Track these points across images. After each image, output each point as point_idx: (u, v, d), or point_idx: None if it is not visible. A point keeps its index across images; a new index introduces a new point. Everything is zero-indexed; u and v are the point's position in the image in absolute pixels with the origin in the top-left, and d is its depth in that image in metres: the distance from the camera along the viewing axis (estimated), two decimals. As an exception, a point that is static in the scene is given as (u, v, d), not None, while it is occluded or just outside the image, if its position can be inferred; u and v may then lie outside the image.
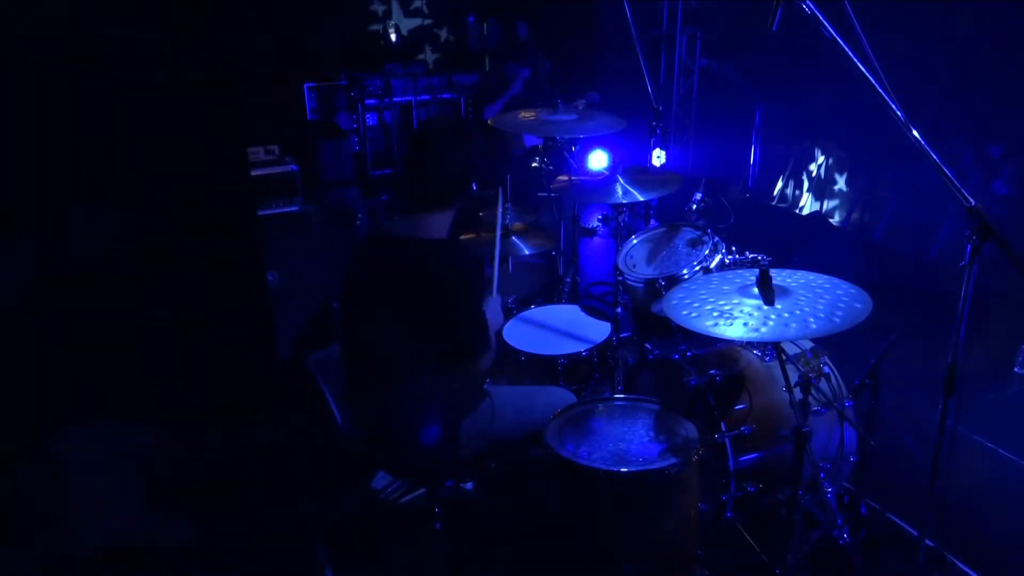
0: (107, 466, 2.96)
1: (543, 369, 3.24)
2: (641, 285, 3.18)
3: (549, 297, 3.93)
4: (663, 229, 3.42)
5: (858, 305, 2.15)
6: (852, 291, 2.24)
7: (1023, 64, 4.99)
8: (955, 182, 2.02)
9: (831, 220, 6.14)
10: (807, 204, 6.34)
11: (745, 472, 2.74)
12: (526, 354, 3.26)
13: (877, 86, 2.06)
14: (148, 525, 2.82)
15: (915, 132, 2.07)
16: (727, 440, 2.70)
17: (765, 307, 2.17)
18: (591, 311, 3.67)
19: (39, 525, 2.65)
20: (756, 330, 2.09)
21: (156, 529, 2.80)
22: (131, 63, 2.92)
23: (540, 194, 4.04)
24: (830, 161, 6.18)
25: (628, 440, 2.47)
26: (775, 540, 2.64)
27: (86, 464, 2.91)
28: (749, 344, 3.02)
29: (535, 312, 3.67)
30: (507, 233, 3.60)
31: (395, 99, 7.63)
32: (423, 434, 2.55)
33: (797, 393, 2.35)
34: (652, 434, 2.50)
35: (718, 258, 3.08)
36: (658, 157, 3.81)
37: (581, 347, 3.29)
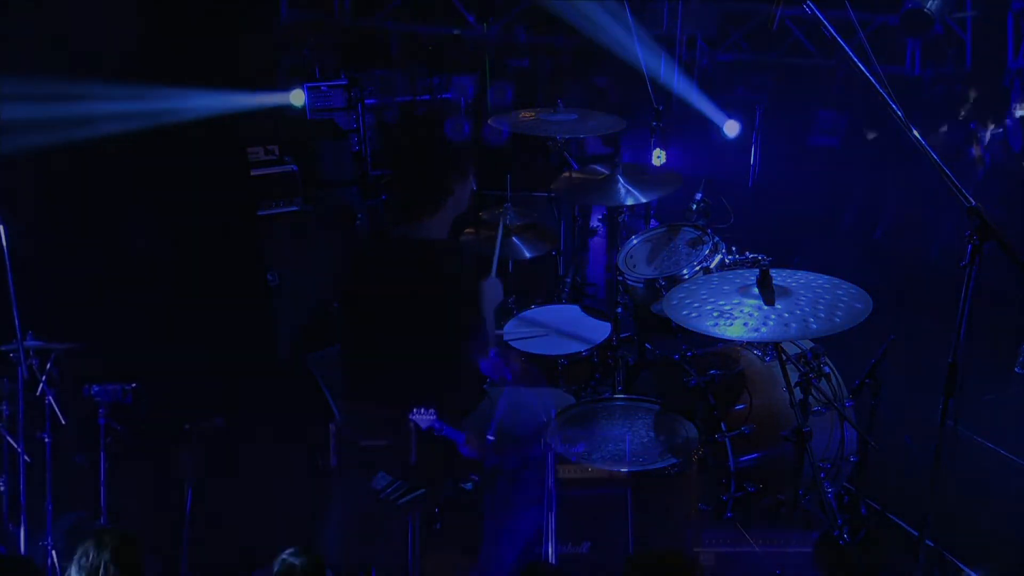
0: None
1: (543, 369, 3.24)
2: (641, 285, 3.17)
3: (549, 297, 3.91)
4: (663, 229, 3.41)
5: (858, 305, 2.15)
6: (852, 291, 2.24)
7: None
8: (955, 182, 2.01)
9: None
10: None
11: (745, 472, 2.73)
12: (526, 354, 3.26)
13: (877, 86, 2.06)
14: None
15: (915, 132, 2.07)
16: (727, 440, 2.70)
17: (765, 307, 2.17)
18: (591, 311, 3.66)
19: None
20: (756, 330, 2.09)
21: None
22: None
23: (540, 194, 4.02)
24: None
25: (628, 440, 2.47)
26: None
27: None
28: (749, 344, 3.02)
29: (535, 312, 3.67)
30: (507, 233, 3.59)
31: (395, 99, 7.63)
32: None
33: (797, 393, 2.35)
34: (652, 434, 2.50)
35: (718, 258, 3.08)
36: (658, 157, 3.80)
37: (581, 347, 3.29)
